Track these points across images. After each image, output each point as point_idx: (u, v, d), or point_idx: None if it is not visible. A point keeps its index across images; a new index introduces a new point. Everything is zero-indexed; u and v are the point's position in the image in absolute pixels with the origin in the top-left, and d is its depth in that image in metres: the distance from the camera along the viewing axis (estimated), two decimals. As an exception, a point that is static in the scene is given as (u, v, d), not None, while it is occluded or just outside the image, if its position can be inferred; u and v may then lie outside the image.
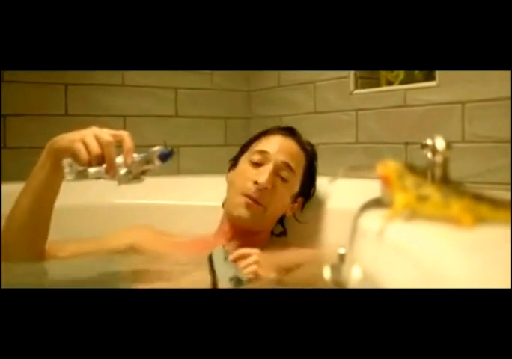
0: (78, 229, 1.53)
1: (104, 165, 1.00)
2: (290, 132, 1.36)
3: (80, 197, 1.59)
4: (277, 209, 1.30)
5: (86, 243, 1.27)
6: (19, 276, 1.09)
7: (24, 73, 1.66)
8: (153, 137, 1.90)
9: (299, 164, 1.32)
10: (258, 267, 1.02)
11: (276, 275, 1.06)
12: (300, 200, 1.36)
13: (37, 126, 1.72)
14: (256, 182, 1.24)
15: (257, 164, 1.28)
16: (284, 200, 1.30)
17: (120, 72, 1.85)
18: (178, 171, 1.94)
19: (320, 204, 1.44)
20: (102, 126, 1.05)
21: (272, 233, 1.39)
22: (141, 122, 1.89)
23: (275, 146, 1.30)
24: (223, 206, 1.36)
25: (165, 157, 1.04)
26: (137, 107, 1.88)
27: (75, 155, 1.00)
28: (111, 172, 1.00)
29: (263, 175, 1.24)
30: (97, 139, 1.00)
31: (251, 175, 1.26)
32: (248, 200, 1.24)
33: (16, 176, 1.65)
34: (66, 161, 1.01)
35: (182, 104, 1.96)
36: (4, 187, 1.49)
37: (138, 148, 1.93)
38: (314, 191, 1.41)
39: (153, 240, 1.32)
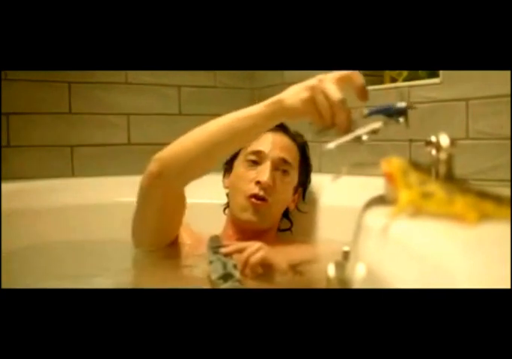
0: (83, 227, 1.53)
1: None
2: (278, 126, 1.36)
3: (85, 196, 1.60)
4: (281, 203, 1.31)
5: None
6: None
7: (27, 71, 1.66)
8: (156, 135, 1.90)
9: (294, 157, 1.33)
10: (265, 252, 1.01)
11: (286, 264, 1.05)
12: (299, 190, 1.38)
13: (41, 125, 1.72)
14: (258, 182, 1.23)
15: (253, 165, 1.27)
16: (287, 193, 1.32)
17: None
18: (182, 169, 1.94)
19: (324, 202, 1.44)
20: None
21: (278, 229, 1.40)
22: (144, 120, 1.89)
23: (268, 143, 1.29)
24: (224, 211, 1.36)
25: (400, 112, 0.85)
26: (140, 105, 1.88)
27: (310, 118, 0.92)
28: (344, 131, 0.89)
29: (264, 173, 1.24)
30: (327, 99, 0.91)
31: (251, 176, 1.26)
32: (254, 200, 1.23)
33: (20, 175, 1.66)
34: None
35: (185, 102, 1.96)
36: (8, 185, 1.50)
37: (142, 146, 1.95)
38: (310, 180, 1.42)
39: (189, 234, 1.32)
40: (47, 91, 1.74)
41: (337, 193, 1.38)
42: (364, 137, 0.85)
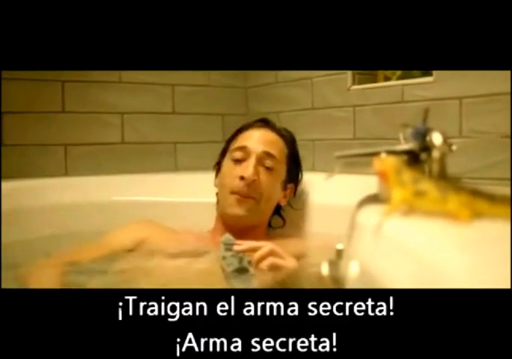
0: (77, 226, 1.53)
1: None
2: (263, 122, 1.38)
3: (79, 194, 1.60)
4: (269, 199, 1.30)
5: (87, 250, 1.25)
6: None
7: (20, 71, 1.65)
8: (150, 134, 1.90)
9: (280, 151, 1.33)
10: (275, 258, 1.04)
11: (296, 260, 1.07)
12: (291, 186, 1.38)
13: (34, 123, 1.71)
14: (242, 177, 1.25)
15: (239, 161, 1.29)
16: (274, 188, 1.31)
17: (117, 69, 1.85)
18: (176, 168, 1.94)
19: (317, 200, 1.44)
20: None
21: (270, 226, 1.40)
22: (138, 119, 1.89)
23: (253, 139, 1.31)
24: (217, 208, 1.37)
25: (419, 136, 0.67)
26: (134, 104, 1.88)
27: None
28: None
29: (248, 169, 1.26)
30: None
31: (236, 172, 1.27)
32: (238, 196, 1.25)
33: (14, 174, 1.65)
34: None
35: (179, 101, 1.96)
36: (2, 185, 1.49)
37: (138, 145, 1.94)
38: (301, 176, 1.42)
39: (163, 235, 1.32)
40: (40, 90, 1.73)
41: (330, 191, 1.38)
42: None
